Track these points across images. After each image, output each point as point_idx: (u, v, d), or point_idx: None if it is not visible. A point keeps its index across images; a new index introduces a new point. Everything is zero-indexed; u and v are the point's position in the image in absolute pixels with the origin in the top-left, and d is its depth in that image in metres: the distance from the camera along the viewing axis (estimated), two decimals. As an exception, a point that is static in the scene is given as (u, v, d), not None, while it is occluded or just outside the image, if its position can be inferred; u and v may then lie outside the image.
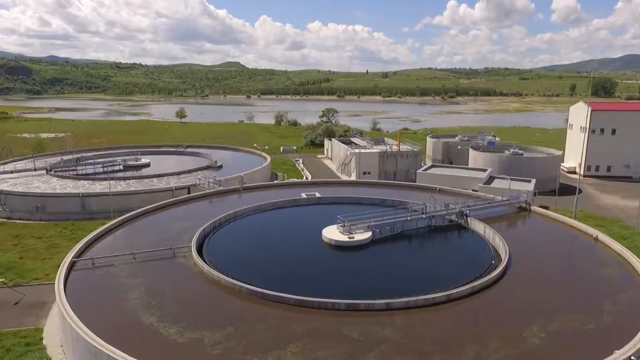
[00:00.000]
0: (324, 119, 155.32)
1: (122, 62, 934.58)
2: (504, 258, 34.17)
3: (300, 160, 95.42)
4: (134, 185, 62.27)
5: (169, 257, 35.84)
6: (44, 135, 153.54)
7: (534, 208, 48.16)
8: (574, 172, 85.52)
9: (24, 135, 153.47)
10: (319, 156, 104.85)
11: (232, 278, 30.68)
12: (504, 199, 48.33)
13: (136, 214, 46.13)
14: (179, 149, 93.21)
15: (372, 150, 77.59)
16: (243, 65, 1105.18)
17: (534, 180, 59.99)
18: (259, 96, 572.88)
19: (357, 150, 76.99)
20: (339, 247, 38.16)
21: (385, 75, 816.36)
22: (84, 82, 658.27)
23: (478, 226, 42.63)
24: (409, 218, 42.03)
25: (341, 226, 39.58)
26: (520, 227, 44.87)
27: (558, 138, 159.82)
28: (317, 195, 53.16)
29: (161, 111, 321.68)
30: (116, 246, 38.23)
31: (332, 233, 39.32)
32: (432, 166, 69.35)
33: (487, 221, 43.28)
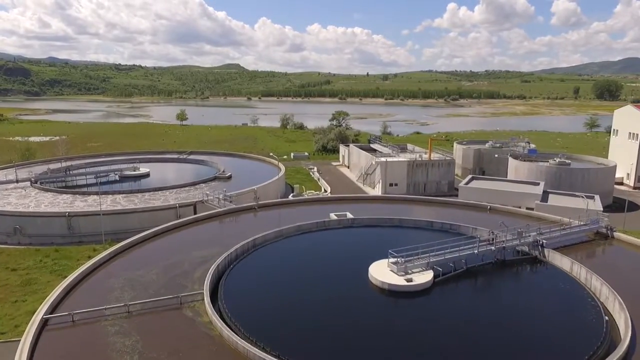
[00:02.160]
0: (335, 122, 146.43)
1: (122, 63, 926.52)
2: (622, 315, 25.47)
3: (315, 168, 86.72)
4: (123, 202, 53.28)
5: (174, 307, 27.19)
6: (37, 138, 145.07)
7: (618, 234, 39.48)
8: (621, 183, 76.97)
9: (17, 138, 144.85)
10: (334, 164, 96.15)
11: (264, 350, 22.01)
12: (582, 223, 39.63)
13: (132, 242, 37.41)
14: (181, 156, 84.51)
15: (400, 159, 68.91)
16: (243, 67, 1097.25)
17: (597, 197, 51.39)
18: (259, 98, 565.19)
19: (383, 159, 68.31)
20: (393, 292, 29.45)
21: (385, 77, 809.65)
22: (83, 84, 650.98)
23: (561, 261, 33.96)
24: (476, 251, 33.37)
25: (394, 263, 30.91)
26: (613, 262, 36.02)
27: (582, 143, 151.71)
28: (349, 215, 44.52)
29: (161, 113, 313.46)
30: (106, 287, 29.66)
31: (383, 273, 30.62)
32: (472, 178, 60.61)
33: (566, 253, 34.74)
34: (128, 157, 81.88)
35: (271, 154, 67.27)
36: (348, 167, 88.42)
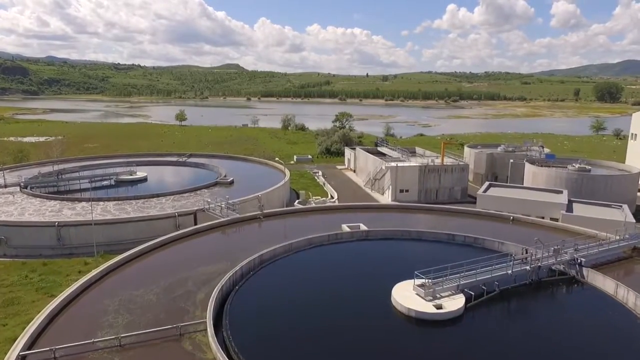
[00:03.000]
0: (338, 123, 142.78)
1: (121, 63, 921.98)
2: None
3: (320, 172, 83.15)
4: (118, 210, 49.70)
5: (173, 338, 23.72)
6: (32, 139, 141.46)
7: (658, 251, 36.03)
8: (641, 190, 73.46)
9: (10, 139, 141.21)
10: (339, 167, 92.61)
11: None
12: (619, 237, 36.19)
13: (129, 257, 33.99)
14: (180, 159, 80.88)
15: (411, 164, 65.42)
16: (242, 67, 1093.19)
17: (626, 207, 47.95)
18: (259, 98, 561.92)
19: (393, 164, 64.78)
20: (421, 320, 26.00)
21: (385, 78, 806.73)
22: (82, 83, 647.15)
23: (603, 283, 30.53)
24: (510, 271, 29.94)
25: (420, 286, 27.48)
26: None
27: (590, 146, 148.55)
28: (362, 227, 41.10)
29: (160, 113, 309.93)
30: (98, 310, 26.34)
31: (408, 297, 27.17)
32: (490, 185, 57.11)
33: (606, 272, 31.40)
34: (125, 160, 78.34)
35: (277, 158, 63.77)
36: (354, 171, 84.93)
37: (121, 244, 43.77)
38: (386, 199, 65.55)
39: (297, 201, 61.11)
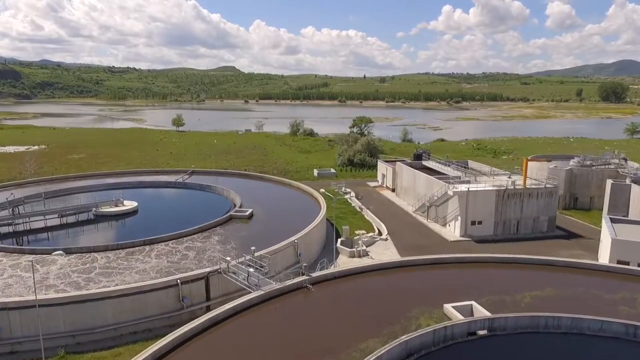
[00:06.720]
0: (356, 129, 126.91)
1: (116, 66, 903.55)
2: None
3: (352, 193, 67.21)
4: (86, 270, 34.02)
5: None
6: (11, 149, 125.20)
7: None
8: None
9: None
10: (371, 184, 76.84)
11: None
12: None
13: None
14: (180, 179, 64.76)
15: (485, 188, 49.90)
16: (238, 70, 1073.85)
17: None
18: (257, 101, 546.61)
19: (463, 188, 49.23)
20: None
21: (383, 80, 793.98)
22: (76, 86, 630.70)
23: None
24: None
25: None
26: None
27: (636, 152, 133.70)
28: (478, 309, 25.83)
29: (156, 117, 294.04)
30: None
31: None
32: (612, 221, 41.53)
33: None
34: (112, 181, 62.60)
35: (322, 189, 48.08)
36: (393, 191, 69.27)
37: (94, 333, 28.28)
38: (452, 232, 50.18)
39: (339, 240, 45.57)
